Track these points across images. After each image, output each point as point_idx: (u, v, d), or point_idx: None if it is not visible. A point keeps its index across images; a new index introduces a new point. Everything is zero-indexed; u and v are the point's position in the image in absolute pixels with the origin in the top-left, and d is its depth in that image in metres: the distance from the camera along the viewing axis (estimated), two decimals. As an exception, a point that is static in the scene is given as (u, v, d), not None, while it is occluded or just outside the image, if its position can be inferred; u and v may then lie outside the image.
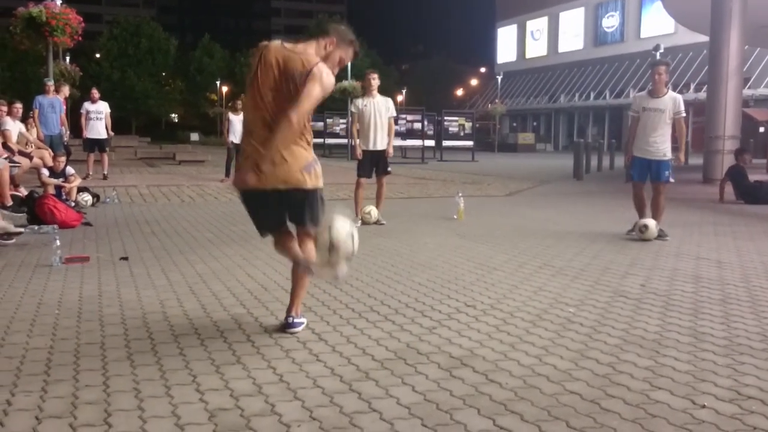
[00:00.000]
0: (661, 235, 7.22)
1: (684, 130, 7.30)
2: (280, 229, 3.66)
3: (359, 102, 8.27)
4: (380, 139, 8.20)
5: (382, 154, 8.26)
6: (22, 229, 6.56)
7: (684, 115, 7.31)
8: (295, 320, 3.75)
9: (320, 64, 3.44)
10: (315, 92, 3.37)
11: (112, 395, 2.79)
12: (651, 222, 7.19)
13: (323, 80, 3.40)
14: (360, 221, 8.10)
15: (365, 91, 8.39)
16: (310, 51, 3.51)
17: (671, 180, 7.42)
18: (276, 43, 3.55)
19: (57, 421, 2.54)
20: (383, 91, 8.48)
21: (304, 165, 3.46)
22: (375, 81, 8.23)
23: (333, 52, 3.58)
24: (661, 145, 7.27)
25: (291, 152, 3.42)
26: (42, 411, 2.63)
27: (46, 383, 2.92)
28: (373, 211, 8.25)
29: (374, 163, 8.30)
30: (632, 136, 7.45)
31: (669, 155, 7.35)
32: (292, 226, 3.66)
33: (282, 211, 3.58)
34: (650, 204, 7.45)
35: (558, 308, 4.33)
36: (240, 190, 3.56)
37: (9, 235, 6.33)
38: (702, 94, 21.26)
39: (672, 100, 7.24)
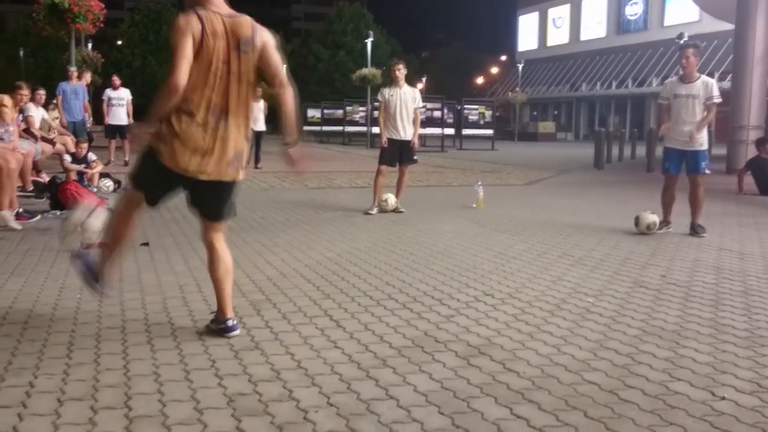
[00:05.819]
0: (698, 231, 6.85)
1: (711, 117, 6.77)
2: None
3: (386, 92, 8.31)
4: (407, 129, 8.22)
5: (408, 143, 8.27)
6: (19, 226, 6.56)
7: (717, 101, 6.70)
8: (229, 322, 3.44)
9: None
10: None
11: (133, 379, 2.83)
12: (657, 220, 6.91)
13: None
14: (377, 208, 8.12)
15: (391, 82, 8.39)
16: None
17: (707, 171, 6.91)
18: None
19: (78, 403, 2.58)
20: (404, 78, 8.44)
21: None
22: (400, 72, 8.24)
23: None
24: (697, 134, 6.74)
25: None
26: (64, 393, 2.67)
27: (68, 366, 2.96)
28: (390, 199, 8.27)
29: (399, 152, 8.31)
30: (661, 125, 7.01)
31: (706, 145, 6.88)
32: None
33: None
34: (688, 199, 7.01)
35: (577, 298, 4.31)
36: None
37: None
38: (726, 83, 20.89)
39: (704, 85, 6.74)
